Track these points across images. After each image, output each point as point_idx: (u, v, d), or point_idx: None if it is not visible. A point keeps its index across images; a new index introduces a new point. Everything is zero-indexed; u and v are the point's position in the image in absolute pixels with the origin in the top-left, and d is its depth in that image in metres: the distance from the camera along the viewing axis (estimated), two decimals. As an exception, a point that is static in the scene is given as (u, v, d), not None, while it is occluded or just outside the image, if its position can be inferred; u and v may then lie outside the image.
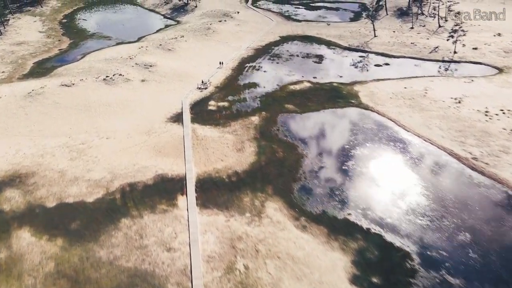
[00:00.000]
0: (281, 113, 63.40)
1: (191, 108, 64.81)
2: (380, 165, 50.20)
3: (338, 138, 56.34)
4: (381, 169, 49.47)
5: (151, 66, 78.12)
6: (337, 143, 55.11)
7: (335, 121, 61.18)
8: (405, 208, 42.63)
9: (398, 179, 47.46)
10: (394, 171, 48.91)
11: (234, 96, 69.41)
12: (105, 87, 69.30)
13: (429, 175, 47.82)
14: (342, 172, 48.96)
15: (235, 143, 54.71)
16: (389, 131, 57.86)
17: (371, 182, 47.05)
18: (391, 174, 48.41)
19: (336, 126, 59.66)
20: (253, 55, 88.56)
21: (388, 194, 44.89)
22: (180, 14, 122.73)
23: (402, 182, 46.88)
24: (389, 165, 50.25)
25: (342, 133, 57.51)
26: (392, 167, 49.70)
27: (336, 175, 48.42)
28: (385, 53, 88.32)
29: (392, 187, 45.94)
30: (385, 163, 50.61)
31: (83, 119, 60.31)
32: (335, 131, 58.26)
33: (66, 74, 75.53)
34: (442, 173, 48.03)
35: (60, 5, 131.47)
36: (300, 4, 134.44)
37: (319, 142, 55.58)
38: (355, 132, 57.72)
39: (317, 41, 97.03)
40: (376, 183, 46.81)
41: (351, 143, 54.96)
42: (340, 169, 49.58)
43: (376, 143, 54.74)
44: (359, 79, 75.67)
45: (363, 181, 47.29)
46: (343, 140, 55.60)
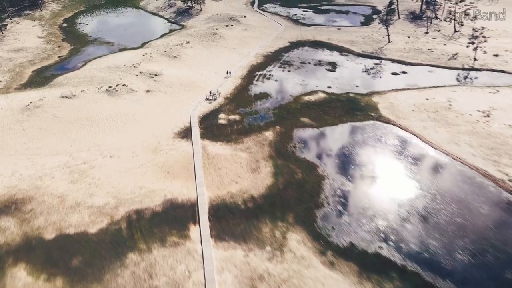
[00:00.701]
0: (296, 127, 59.24)
1: (200, 122, 60.66)
2: (410, 189, 45.97)
3: (361, 156, 52.14)
4: (411, 193, 45.26)
5: (156, 75, 73.96)
6: (360, 162, 50.90)
7: (355, 136, 56.95)
8: (442, 240, 38.43)
9: (431, 205, 43.22)
10: (426, 196, 44.68)
11: (245, 108, 65.24)
12: (108, 98, 65.14)
13: (465, 201, 43.58)
14: (368, 196, 44.76)
15: (250, 163, 50.54)
16: (415, 148, 53.66)
17: (401, 208, 42.84)
18: (422, 199, 44.20)
19: (357, 142, 55.43)
20: (263, 62, 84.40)
21: (421, 222, 40.70)
22: (185, 18, 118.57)
23: (436, 209, 42.64)
24: (419, 189, 46.01)
25: (365, 151, 53.29)
26: (423, 192, 45.47)
27: (362, 200, 44.22)
28: (401, 60, 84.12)
29: (425, 214, 41.73)
30: (414, 187, 46.37)
31: (85, 135, 56.16)
32: (356, 149, 54.03)
33: (67, 84, 71.40)
34: (479, 199, 43.79)
35: (60, 9, 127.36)
36: (308, 7, 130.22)
37: (340, 161, 51.37)
38: (378, 149, 53.51)
39: (328, 47, 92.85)
40: (407, 209, 42.60)
41: (376, 163, 50.76)
42: (365, 193, 45.39)
43: (403, 163, 50.53)
44: (376, 89, 71.49)
45: (392, 207, 43.07)
46: (367, 159, 51.41)
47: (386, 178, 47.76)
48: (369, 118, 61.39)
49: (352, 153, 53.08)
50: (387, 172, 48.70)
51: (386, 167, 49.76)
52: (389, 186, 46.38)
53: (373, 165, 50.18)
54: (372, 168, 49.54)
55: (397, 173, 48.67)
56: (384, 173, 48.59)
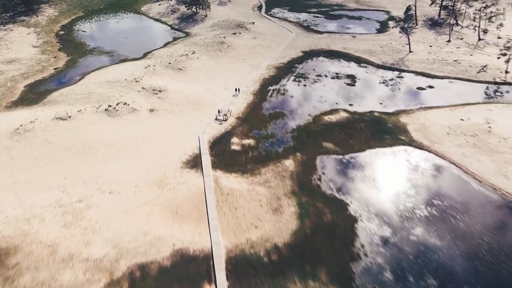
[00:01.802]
0: (319, 154, 52.66)
1: (210, 148, 54.08)
2: (457, 233, 39.33)
3: (396, 191, 45.52)
4: (458, 238, 38.64)
5: (160, 91, 67.37)
6: (396, 199, 44.29)
7: (386, 166, 50.33)
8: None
9: (488, 261, 36.59)
10: (476, 241, 38.03)
11: (260, 130, 58.64)
12: (107, 120, 58.57)
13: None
14: (411, 245, 38.13)
15: (270, 200, 43.95)
16: (457, 180, 47.11)
17: (452, 261, 36.21)
18: (472, 244, 37.57)
19: (390, 173, 48.81)
20: (276, 75, 77.80)
21: (478, 275, 34.10)
22: (189, 24, 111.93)
23: (495, 263, 36.03)
24: (468, 232, 39.34)
25: (399, 185, 46.68)
26: (472, 235, 38.81)
27: (404, 250, 37.61)
28: (425, 72, 77.48)
29: (481, 263, 35.14)
30: (461, 230, 39.73)
31: (81, 164, 49.56)
32: (390, 182, 47.41)
33: (62, 102, 64.80)
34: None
35: (58, 14, 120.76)
36: (319, 12, 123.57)
37: (372, 197, 44.76)
38: (414, 182, 46.90)
39: (345, 57, 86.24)
40: (460, 264, 35.97)
41: (413, 198, 44.17)
42: (407, 240, 38.75)
43: (445, 199, 43.93)
44: (403, 106, 64.91)
45: (440, 256, 36.45)
46: (403, 196, 44.80)
47: (429, 219, 41.12)
48: (400, 142, 54.81)
49: (386, 187, 46.47)
50: (428, 213, 42.06)
51: (426, 205, 43.12)
52: (434, 230, 39.74)
53: (412, 202, 43.56)
54: (411, 206, 42.92)
55: (441, 214, 42.01)
56: (425, 213, 41.96)
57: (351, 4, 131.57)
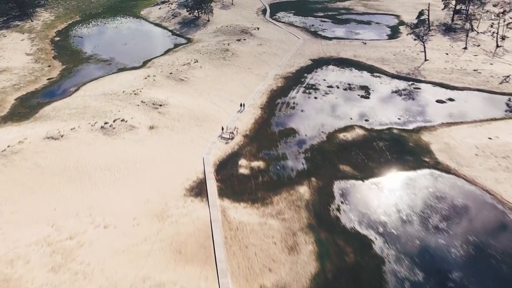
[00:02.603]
0: (336, 179, 47.77)
1: (216, 172, 49.21)
2: (500, 276, 34.51)
3: (424, 224, 40.65)
4: (503, 281, 33.83)
5: (161, 106, 62.49)
6: (426, 234, 39.42)
7: (411, 193, 45.43)
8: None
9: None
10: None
11: (269, 151, 53.76)
12: (103, 139, 53.71)
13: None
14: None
15: (285, 237, 39.08)
16: (492, 211, 42.25)
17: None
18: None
19: (416, 202, 43.92)
20: (284, 87, 72.90)
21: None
22: (191, 30, 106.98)
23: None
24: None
25: (428, 216, 41.81)
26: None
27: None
28: (444, 83, 72.63)
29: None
30: (505, 274, 34.91)
31: (73, 192, 44.67)
32: (416, 212, 42.52)
33: (55, 117, 59.91)
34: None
35: (53, 19, 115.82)
36: (325, 16, 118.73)
37: (399, 232, 39.88)
38: (444, 213, 42.01)
39: (356, 66, 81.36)
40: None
41: (445, 234, 39.28)
42: (443, 287, 33.91)
43: (482, 235, 39.05)
44: (423, 122, 60.06)
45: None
46: (433, 229, 39.93)
47: (467, 261, 36.24)
48: (424, 165, 49.94)
49: (413, 219, 41.57)
50: (465, 252, 37.16)
51: (462, 242, 38.23)
52: (474, 275, 34.86)
53: (444, 239, 38.67)
54: (443, 244, 38.03)
55: (478, 252, 37.14)
56: (461, 253, 37.06)
57: (359, 8, 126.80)
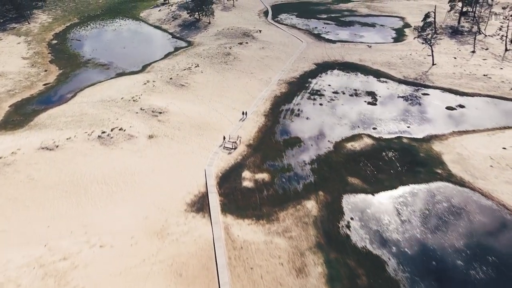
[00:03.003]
0: (345, 193, 45.44)
1: (218, 185, 46.84)
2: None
3: (440, 243, 38.30)
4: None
5: (161, 113, 60.17)
6: (442, 253, 37.08)
7: (425, 208, 43.05)
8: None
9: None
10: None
11: (274, 161, 51.41)
12: (100, 149, 51.36)
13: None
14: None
15: (292, 257, 36.73)
16: (510, 228, 39.91)
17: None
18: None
19: (430, 218, 41.56)
20: (288, 92, 70.54)
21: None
22: (191, 32, 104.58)
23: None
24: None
25: (443, 233, 39.47)
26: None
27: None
28: (453, 89, 70.28)
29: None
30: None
31: (68, 208, 42.33)
32: (430, 229, 40.16)
33: (50, 126, 57.58)
34: None
35: (51, 21, 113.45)
36: (329, 18, 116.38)
37: (413, 251, 37.54)
38: (461, 230, 39.66)
39: (362, 70, 79.03)
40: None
41: (463, 254, 36.94)
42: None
43: (501, 254, 36.70)
44: (433, 131, 57.71)
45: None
46: (449, 248, 37.58)
47: (486, 281, 33.92)
48: (436, 177, 47.59)
49: (427, 237, 39.21)
50: (486, 276, 34.83)
51: (481, 264, 35.89)
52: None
53: (461, 259, 36.33)
54: (461, 265, 35.68)
55: (499, 274, 34.80)
56: (481, 276, 34.73)
57: (363, 10, 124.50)
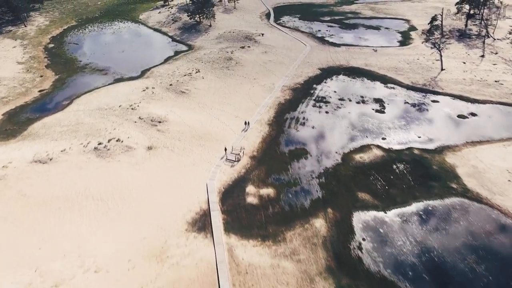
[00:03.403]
0: (355, 210, 42.87)
1: (221, 201, 44.28)
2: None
3: (459, 267, 35.73)
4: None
5: (160, 122, 57.63)
6: (462, 279, 34.50)
7: (441, 227, 40.44)
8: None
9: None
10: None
11: (279, 175, 48.84)
12: (97, 162, 48.81)
13: None
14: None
15: (301, 283, 34.19)
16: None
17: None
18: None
19: (447, 238, 38.96)
20: (292, 99, 67.96)
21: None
22: (192, 35, 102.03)
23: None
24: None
25: (461, 255, 36.88)
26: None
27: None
28: (464, 96, 67.59)
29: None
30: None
31: (61, 227, 39.79)
32: (448, 251, 37.58)
33: (44, 136, 55.05)
34: None
35: (48, 24, 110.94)
36: (332, 21, 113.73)
37: (431, 277, 34.96)
38: (481, 253, 37.05)
39: (368, 76, 76.43)
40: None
41: (484, 280, 34.36)
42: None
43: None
44: (446, 141, 55.08)
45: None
46: (469, 273, 35.01)
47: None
48: (452, 193, 44.99)
49: (445, 261, 36.64)
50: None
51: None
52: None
53: (483, 285, 33.77)
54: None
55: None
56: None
57: (367, 12, 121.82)
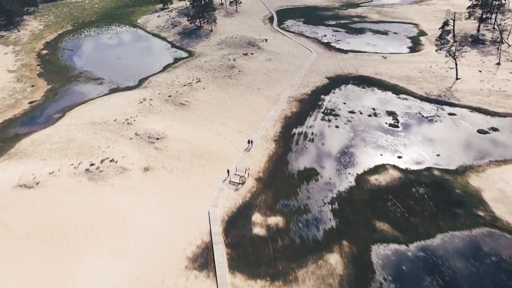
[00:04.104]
0: (373, 243, 38.63)
1: (225, 232, 40.04)
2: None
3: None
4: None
5: (158, 139, 53.43)
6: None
7: (471, 264, 36.18)
8: None
9: None
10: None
11: (288, 200, 44.61)
12: (88, 186, 44.58)
13: None
14: None
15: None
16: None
17: None
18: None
19: (478, 279, 34.74)
20: (299, 112, 63.75)
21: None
22: (192, 41, 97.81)
23: None
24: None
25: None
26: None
27: None
28: (482, 108, 63.34)
29: None
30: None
31: (46, 265, 35.52)
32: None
33: (32, 155, 50.85)
34: None
35: (42, 28, 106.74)
36: (338, 25, 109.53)
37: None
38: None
39: (379, 85, 72.23)
40: None
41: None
42: None
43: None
44: (467, 160, 50.84)
45: None
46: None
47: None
48: (479, 222, 40.74)
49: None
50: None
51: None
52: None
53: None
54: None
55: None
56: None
57: (373, 16, 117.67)
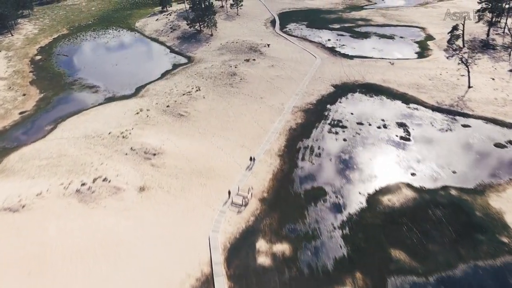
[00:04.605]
0: (389, 274, 35.26)
1: (227, 262, 36.66)
2: None
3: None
4: None
5: (155, 155, 50.06)
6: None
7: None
8: None
9: None
10: None
11: (295, 224, 41.23)
12: (78, 208, 41.21)
13: None
14: None
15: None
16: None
17: None
18: None
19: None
20: (304, 123, 60.38)
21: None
22: (192, 46, 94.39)
23: None
24: None
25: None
26: None
27: None
28: (497, 119, 59.94)
29: None
30: None
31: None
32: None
33: (19, 172, 47.48)
34: None
35: (37, 32, 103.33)
36: (342, 29, 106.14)
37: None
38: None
39: (387, 94, 68.87)
40: None
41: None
42: None
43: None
44: (486, 177, 47.45)
45: None
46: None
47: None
48: (504, 250, 37.40)
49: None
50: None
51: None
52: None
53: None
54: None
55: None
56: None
57: (378, 19, 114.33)
